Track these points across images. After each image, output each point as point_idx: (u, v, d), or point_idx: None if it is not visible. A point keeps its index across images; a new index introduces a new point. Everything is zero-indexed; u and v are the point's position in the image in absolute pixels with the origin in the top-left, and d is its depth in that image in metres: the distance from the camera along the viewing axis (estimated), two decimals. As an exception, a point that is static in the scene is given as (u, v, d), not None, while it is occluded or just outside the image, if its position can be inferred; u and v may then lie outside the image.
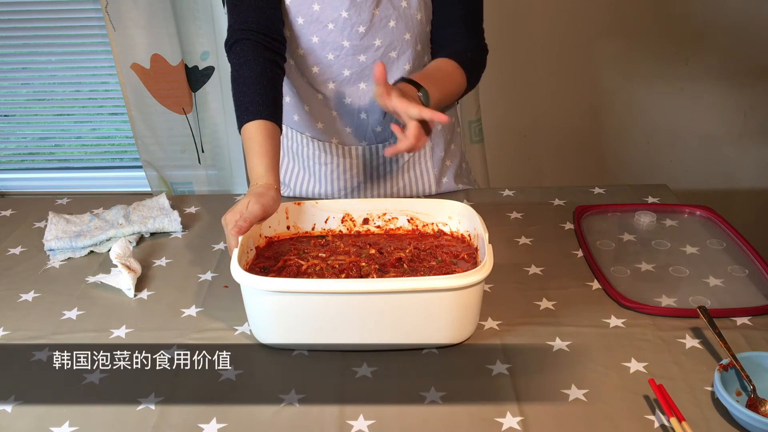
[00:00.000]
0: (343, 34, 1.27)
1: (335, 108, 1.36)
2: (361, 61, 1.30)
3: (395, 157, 1.42)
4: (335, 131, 1.38)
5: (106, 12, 2.03)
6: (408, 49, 1.31)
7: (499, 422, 0.90)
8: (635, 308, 1.11)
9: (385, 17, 1.28)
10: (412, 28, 1.30)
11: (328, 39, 1.28)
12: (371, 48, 1.29)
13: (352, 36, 1.28)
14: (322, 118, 1.38)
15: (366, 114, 1.35)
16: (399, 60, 1.32)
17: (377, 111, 1.35)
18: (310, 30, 1.28)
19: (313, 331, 1.01)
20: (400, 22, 1.29)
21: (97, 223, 1.38)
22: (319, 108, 1.37)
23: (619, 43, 2.22)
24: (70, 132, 2.51)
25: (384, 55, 1.30)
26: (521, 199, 1.48)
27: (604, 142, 2.39)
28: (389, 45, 1.30)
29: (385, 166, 1.43)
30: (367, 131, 1.38)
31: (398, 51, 1.31)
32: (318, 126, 1.39)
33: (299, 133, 1.42)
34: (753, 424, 0.85)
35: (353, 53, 1.29)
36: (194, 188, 2.33)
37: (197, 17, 2.07)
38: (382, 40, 1.29)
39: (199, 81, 2.15)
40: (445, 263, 1.10)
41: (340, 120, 1.37)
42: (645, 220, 1.36)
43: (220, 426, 0.90)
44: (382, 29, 1.28)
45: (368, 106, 1.35)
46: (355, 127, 1.37)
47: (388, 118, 1.36)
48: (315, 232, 1.22)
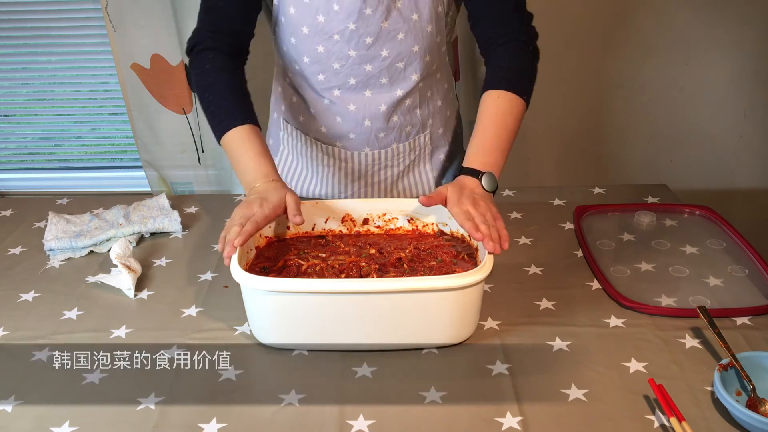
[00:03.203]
0: (349, 44, 1.26)
1: (340, 114, 1.35)
2: (368, 71, 1.29)
3: (396, 162, 1.42)
4: (339, 136, 1.38)
5: (106, 12, 2.03)
6: (416, 60, 1.29)
7: (499, 422, 0.90)
8: (635, 308, 1.11)
9: (394, 30, 1.25)
10: (422, 40, 1.28)
11: (334, 49, 1.26)
12: (378, 58, 1.27)
13: (359, 46, 1.26)
14: (326, 123, 1.37)
15: (370, 121, 1.35)
16: (406, 70, 1.30)
17: (381, 119, 1.35)
18: (315, 40, 1.26)
19: (313, 331, 1.01)
20: (410, 35, 1.26)
21: (97, 223, 1.38)
22: (323, 112, 1.36)
23: (619, 42, 2.22)
24: (70, 132, 2.51)
25: (391, 65, 1.29)
26: (521, 199, 1.48)
27: (604, 142, 2.39)
28: (397, 56, 1.28)
29: (387, 170, 1.43)
30: (370, 137, 1.37)
31: (405, 62, 1.29)
32: (322, 129, 1.38)
33: (303, 134, 1.42)
34: (753, 424, 0.85)
35: (359, 62, 1.28)
36: (194, 188, 2.32)
37: (197, 17, 2.06)
38: (389, 51, 1.27)
39: (199, 81, 2.14)
40: (445, 263, 1.10)
41: (344, 125, 1.36)
42: (645, 220, 1.36)
43: (220, 426, 0.91)
44: (390, 41, 1.26)
45: (372, 114, 1.34)
46: (358, 133, 1.36)
47: (392, 125, 1.36)
48: (315, 232, 1.22)
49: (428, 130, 1.42)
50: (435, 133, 1.43)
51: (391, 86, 1.31)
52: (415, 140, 1.41)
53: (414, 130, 1.40)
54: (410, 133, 1.40)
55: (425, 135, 1.42)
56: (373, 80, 1.30)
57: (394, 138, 1.39)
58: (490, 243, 1.01)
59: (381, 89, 1.31)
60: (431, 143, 1.44)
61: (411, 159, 1.43)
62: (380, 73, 1.29)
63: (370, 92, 1.32)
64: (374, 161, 1.40)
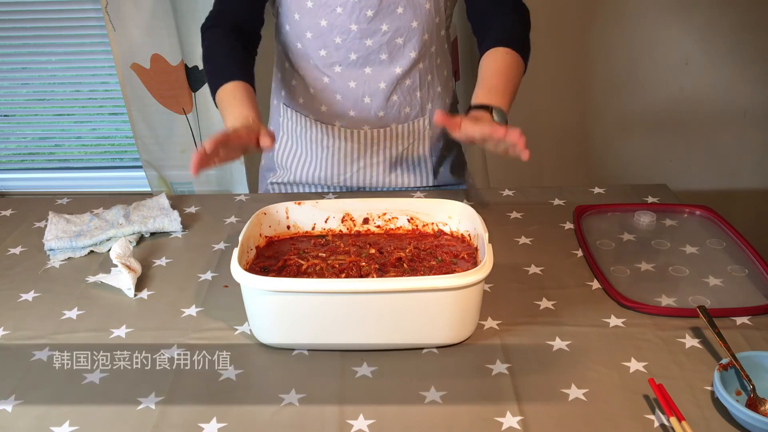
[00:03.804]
0: (351, 17, 1.31)
1: (340, 91, 1.40)
2: (368, 46, 1.34)
3: (395, 143, 1.46)
4: (339, 114, 1.43)
5: (106, 12, 2.03)
6: (414, 36, 1.34)
7: (499, 422, 0.90)
8: (635, 308, 1.11)
9: (393, 3, 1.31)
10: (420, 16, 1.33)
11: (336, 22, 1.32)
12: (378, 32, 1.33)
13: (360, 20, 1.31)
14: (326, 101, 1.42)
15: (370, 98, 1.39)
16: (405, 47, 1.35)
17: (381, 96, 1.39)
18: (319, 14, 1.32)
19: (313, 331, 1.01)
20: (408, 9, 1.32)
21: (97, 223, 1.38)
22: (324, 91, 1.41)
23: (619, 42, 2.22)
24: (70, 132, 2.51)
25: (390, 40, 1.34)
26: (521, 198, 1.48)
27: (604, 142, 2.39)
28: (396, 31, 1.33)
29: (385, 152, 1.47)
30: (370, 115, 1.42)
31: (404, 38, 1.34)
32: (322, 109, 1.43)
33: (303, 116, 1.46)
34: (753, 424, 0.85)
35: (360, 37, 1.33)
36: (194, 188, 2.32)
37: (197, 17, 2.06)
38: (389, 25, 1.32)
39: (199, 81, 2.14)
40: (445, 263, 1.10)
41: (344, 103, 1.41)
42: (645, 220, 1.36)
43: (220, 426, 0.91)
44: (389, 15, 1.31)
45: (372, 91, 1.39)
46: (358, 110, 1.41)
47: (391, 104, 1.41)
48: (315, 231, 1.22)
49: (427, 114, 1.46)
50: (434, 119, 1.46)
51: (391, 63, 1.36)
52: (414, 123, 1.45)
53: (413, 113, 1.44)
54: (409, 114, 1.44)
55: (424, 119, 1.46)
56: (373, 56, 1.35)
57: (393, 118, 1.43)
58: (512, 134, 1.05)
59: (381, 66, 1.36)
60: (430, 128, 1.48)
61: (410, 142, 1.47)
62: (380, 49, 1.34)
63: (369, 69, 1.37)
64: (373, 140, 1.44)
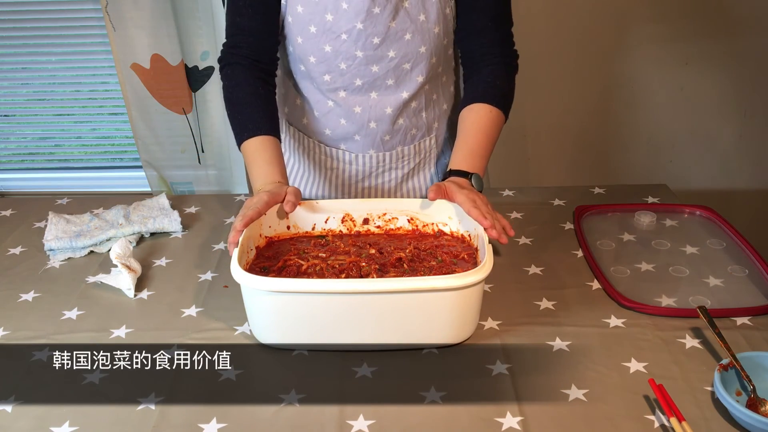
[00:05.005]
0: (356, 44, 1.25)
1: (345, 116, 1.34)
2: (374, 72, 1.29)
3: (401, 164, 1.41)
4: (343, 138, 1.37)
5: (106, 12, 2.03)
6: (422, 61, 1.30)
7: (499, 422, 0.90)
8: (635, 308, 1.11)
9: (401, 30, 1.26)
10: (429, 41, 1.28)
11: (341, 49, 1.26)
12: (385, 59, 1.27)
13: (366, 47, 1.26)
14: (330, 125, 1.37)
15: (375, 123, 1.34)
16: (412, 72, 1.30)
17: (386, 120, 1.34)
18: (323, 39, 1.26)
19: (313, 331, 1.01)
20: (417, 35, 1.27)
21: (97, 223, 1.38)
22: (328, 115, 1.35)
23: (618, 42, 2.22)
24: (70, 132, 2.51)
25: (397, 66, 1.28)
26: (521, 199, 1.48)
27: (604, 142, 2.39)
28: (403, 57, 1.28)
29: (390, 173, 1.42)
30: (375, 140, 1.37)
31: (412, 63, 1.29)
32: (326, 132, 1.38)
33: (307, 137, 1.41)
34: (753, 424, 0.85)
35: (366, 63, 1.28)
36: (194, 188, 2.33)
37: (197, 17, 2.06)
38: (396, 51, 1.27)
39: (199, 81, 2.15)
40: (445, 263, 1.10)
41: (349, 128, 1.36)
42: (645, 220, 1.36)
43: (220, 426, 0.91)
44: (397, 41, 1.26)
45: (378, 116, 1.34)
46: (363, 135, 1.36)
47: (397, 128, 1.36)
48: (315, 232, 1.22)
49: (434, 133, 1.42)
50: (440, 136, 1.43)
51: (397, 88, 1.31)
52: (420, 143, 1.41)
53: (419, 133, 1.40)
54: (415, 136, 1.40)
55: (431, 138, 1.42)
56: (379, 81, 1.30)
57: (399, 141, 1.39)
58: (494, 231, 1.08)
59: (387, 91, 1.31)
60: (437, 147, 1.44)
61: (416, 162, 1.42)
62: (386, 75, 1.29)
63: (375, 94, 1.32)
64: (378, 163, 1.40)
